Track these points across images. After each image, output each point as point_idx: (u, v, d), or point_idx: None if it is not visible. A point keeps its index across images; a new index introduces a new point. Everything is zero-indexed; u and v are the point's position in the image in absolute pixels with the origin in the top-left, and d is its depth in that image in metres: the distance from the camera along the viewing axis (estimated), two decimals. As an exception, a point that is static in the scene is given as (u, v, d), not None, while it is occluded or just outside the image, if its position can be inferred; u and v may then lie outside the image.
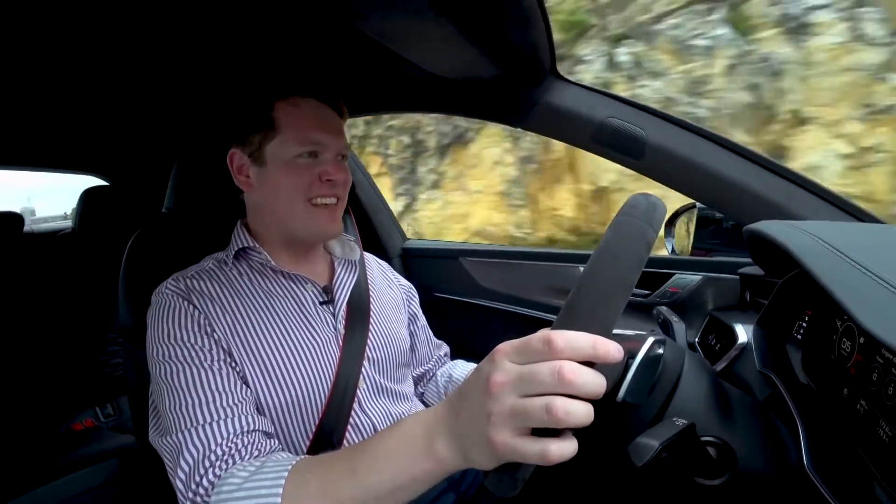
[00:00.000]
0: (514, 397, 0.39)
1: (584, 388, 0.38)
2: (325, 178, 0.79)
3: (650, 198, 0.47)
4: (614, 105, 0.90)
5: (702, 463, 0.57)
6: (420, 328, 1.07)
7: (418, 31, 0.81)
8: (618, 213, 0.47)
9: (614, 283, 0.42)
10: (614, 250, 0.44)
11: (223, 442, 0.62)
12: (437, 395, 1.04)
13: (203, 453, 0.62)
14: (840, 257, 0.49)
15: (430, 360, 1.08)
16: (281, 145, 0.79)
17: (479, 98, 1.04)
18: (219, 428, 0.64)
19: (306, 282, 0.85)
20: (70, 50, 0.96)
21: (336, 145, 0.82)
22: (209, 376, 0.68)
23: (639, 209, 0.46)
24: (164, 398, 0.68)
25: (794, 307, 0.74)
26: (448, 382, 1.04)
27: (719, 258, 1.09)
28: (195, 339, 0.71)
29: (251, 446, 0.64)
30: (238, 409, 0.67)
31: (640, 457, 0.48)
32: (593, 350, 0.38)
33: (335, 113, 0.84)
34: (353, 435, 0.79)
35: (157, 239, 0.96)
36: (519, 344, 0.40)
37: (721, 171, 0.85)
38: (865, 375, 0.51)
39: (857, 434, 0.51)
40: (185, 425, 0.64)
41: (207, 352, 0.71)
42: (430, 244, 1.75)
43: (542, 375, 0.38)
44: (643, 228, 0.44)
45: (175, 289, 0.76)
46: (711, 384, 0.63)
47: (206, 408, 0.65)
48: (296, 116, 0.79)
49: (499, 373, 0.40)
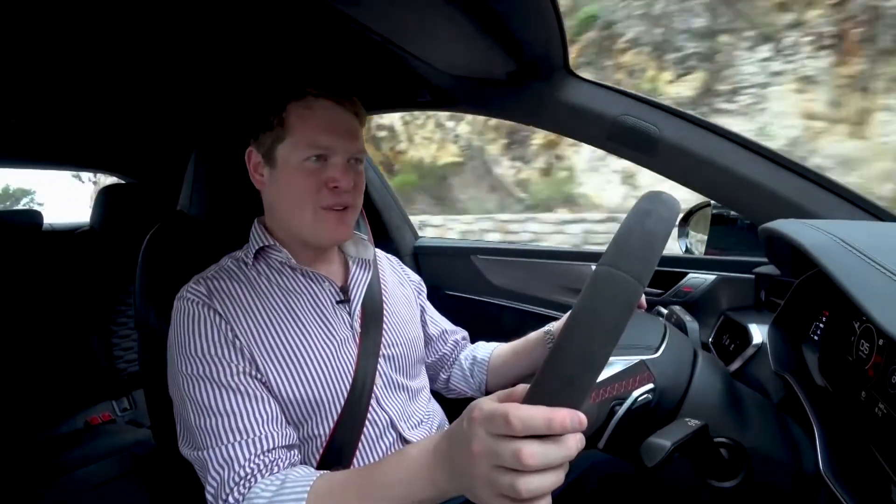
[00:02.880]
0: (488, 468, 0.42)
1: (546, 465, 0.40)
2: (331, 185, 0.79)
3: (647, 222, 0.40)
4: (627, 102, 0.90)
5: (714, 464, 0.56)
6: (430, 319, 1.08)
7: (430, 27, 0.81)
8: (606, 250, 0.40)
9: (583, 362, 0.39)
10: (586, 319, 0.39)
11: (246, 463, 0.65)
12: (463, 379, 1.06)
13: (227, 473, 0.65)
14: (858, 257, 0.48)
15: (446, 345, 1.09)
16: (290, 148, 0.79)
17: (491, 95, 1.04)
18: (241, 449, 0.66)
19: (324, 280, 0.85)
20: (90, 50, 0.97)
21: (346, 149, 0.80)
22: (232, 394, 0.70)
23: (630, 247, 0.39)
24: (188, 412, 0.70)
25: (810, 308, 0.73)
26: (473, 365, 1.05)
27: (734, 257, 1.08)
28: (219, 350, 0.72)
29: (272, 464, 0.66)
30: (260, 426, 0.68)
31: (651, 457, 0.47)
32: (548, 429, 0.39)
33: (351, 115, 0.83)
34: (371, 429, 0.80)
35: (173, 236, 0.97)
36: (487, 414, 0.42)
37: (736, 168, 0.84)
38: (884, 378, 0.50)
39: (874, 437, 0.50)
40: (209, 443, 0.67)
41: (231, 364, 0.72)
42: (442, 242, 1.75)
43: (505, 455, 0.40)
44: (625, 286, 0.38)
45: (197, 294, 0.76)
46: (725, 385, 0.62)
47: (230, 426, 0.67)
48: (306, 119, 0.79)
49: (475, 441, 0.43)
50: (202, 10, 0.85)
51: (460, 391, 1.07)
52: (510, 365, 1.00)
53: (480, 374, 1.03)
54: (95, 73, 1.12)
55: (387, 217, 1.68)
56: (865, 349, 0.55)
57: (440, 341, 1.08)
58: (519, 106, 1.02)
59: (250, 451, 0.66)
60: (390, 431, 0.83)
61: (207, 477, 0.66)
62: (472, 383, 1.05)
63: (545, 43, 0.83)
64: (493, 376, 1.02)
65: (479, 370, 1.04)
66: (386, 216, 1.67)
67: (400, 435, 0.83)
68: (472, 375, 1.05)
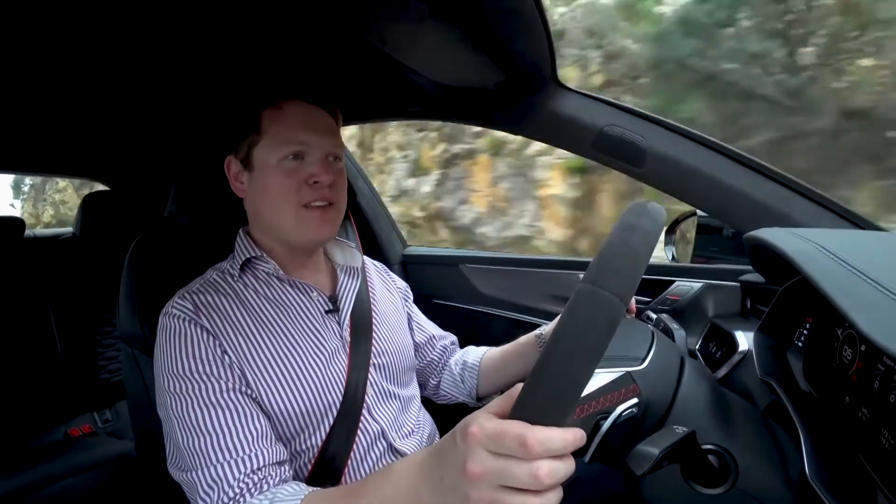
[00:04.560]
0: (491, 489, 0.40)
1: (560, 481, 0.40)
2: (311, 181, 0.78)
3: (632, 240, 0.39)
4: (614, 113, 0.91)
5: (702, 471, 0.56)
6: (417, 325, 1.07)
7: (421, 38, 0.81)
8: (589, 267, 0.40)
9: (566, 380, 0.38)
10: (568, 338, 0.38)
11: (235, 483, 0.64)
12: (453, 385, 1.05)
13: (217, 494, 0.64)
14: (841, 264, 0.49)
15: (434, 351, 1.08)
16: (266, 149, 0.78)
17: (479, 105, 1.05)
18: (230, 469, 0.65)
19: (312, 290, 0.85)
20: (70, 55, 0.96)
21: (323, 145, 0.80)
22: (220, 412, 0.68)
23: (613, 265, 0.39)
24: (176, 432, 0.69)
25: (794, 315, 0.74)
26: (464, 370, 1.04)
27: (720, 265, 1.09)
28: (207, 367, 0.71)
29: (262, 482, 0.65)
30: (249, 444, 0.67)
31: (640, 465, 0.47)
32: (567, 450, 0.39)
33: (325, 113, 0.83)
34: (363, 438, 0.80)
35: (159, 244, 0.96)
36: (493, 434, 0.40)
37: (721, 178, 0.85)
38: (867, 383, 0.51)
39: (858, 441, 0.51)
40: (198, 463, 0.66)
41: (220, 381, 0.70)
42: (430, 251, 1.75)
43: (520, 475, 0.39)
44: (607, 305, 0.38)
45: (183, 309, 0.74)
46: (712, 392, 0.63)
47: (218, 446, 0.66)
48: (279, 118, 0.79)
49: (475, 462, 0.40)
50: (190, 19, 0.84)
51: (451, 397, 1.07)
52: (501, 370, 1.00)
53: (471, 380, 1.03)
54: (76, 80, 1.10)
55: (375, 226, 1.67)
56: (848, 355, 0.56)
57: (428, 347, 1.08)
58: (507, 116, 1.03)
59: (239, 471, 0.65)
60: (381, 441, 0.82)
61: (197, 498, 0.65)
62: (464, 389, 1.04)
63: (534, 54, 0.84)
64: (485, 381, 1.02)
65: (469, 375, 1.03)
66: (374, 225, 1.67)
67: (391, 445, 0.83)
68: (462, 381, 1.04)
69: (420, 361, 1.06)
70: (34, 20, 0.81)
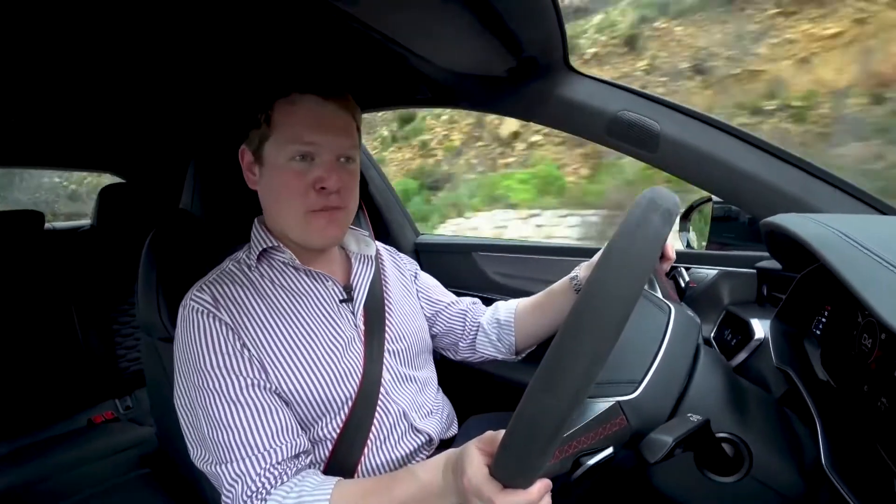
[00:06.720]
0: None
1: None
2: (318, 186, 0.76)
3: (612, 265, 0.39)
4: (628, 97, 0.89)
5: (717, 460, 0.56)
6: (426, 301, 1.06)
7: (430, 25, 0.80)
8: (582, 294, 0.39)
9: (529, 466, 0.44)
10: (531, 420, 0.41)
11: (257, 478, 0.66)
12: (490, 344, 1.04)
13: (241, 487, 0.66)
14: (860, 251, 0.48)
15: (453, 317, 1.06)
16: (275, 147, 0.77)
17: (490, 92, 1.04)
18: (252, 464, 0.67)
19: (327, 280, 0.85)
20: (85, 49, 0.97)
21: (334, 146, 0.78)
22: (242, 409, 0.70)
23: (605, 283, 0.38)
24: (200, 424, 0.71)
25: (812, 302, 0.72)
26: (500, 328, 1.04)
27: (735, 252, 1.08)
28: (228, 361, 0.72)
29: (282, 475, 0.68)
30: (271, 438, 0.69)
31: (653, 453, 0.47)
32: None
33: (340, 110, 0.80)
34: (385, 420, 0.82)
35: (175, 235, 0.97)
36: (475, 491, 0.50)
37: (737, 163, 0.83)
38: (887, 372, 0.50)
39: (877, 431, 0.50)
40: (222, 457, 0.68)
41: (241, 377, 0.71)
42: (443, 239, 1.75)
43: None
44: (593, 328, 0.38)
45: (202, 302, 0.75)
46: (727, 380, 0.62)
47: (241, 441, 0.68)
48: (290, 115, 0.77)
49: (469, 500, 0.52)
50: (199, 9, 0.84)
51: (488, 356, 1.06)
52: (537, 323, 0.99)
53: (508, 337, 1.02)
54: (90, 75, 1.11)
55: (387, 214, 1.67)
56: (868, 343, 0.55)
57: (445, 315, 1.06)
58: (519, 102, 1.02)
59: (261, 466, 0.67)
60: (402, 422, 0.84)
61: (223, 489, 0.68)
62: (501, 347, 1.03)
63: (545, 39, 0.83)
64: (521, 336, 1.01)
65: (506, 333, 1.02)
66: (386, 214, 1.67)
67: (412, 425, 0.84)
68: (499, 340, 1.03)
69: (441, 329, 1.05)
70: (50, 14, 0.81)
